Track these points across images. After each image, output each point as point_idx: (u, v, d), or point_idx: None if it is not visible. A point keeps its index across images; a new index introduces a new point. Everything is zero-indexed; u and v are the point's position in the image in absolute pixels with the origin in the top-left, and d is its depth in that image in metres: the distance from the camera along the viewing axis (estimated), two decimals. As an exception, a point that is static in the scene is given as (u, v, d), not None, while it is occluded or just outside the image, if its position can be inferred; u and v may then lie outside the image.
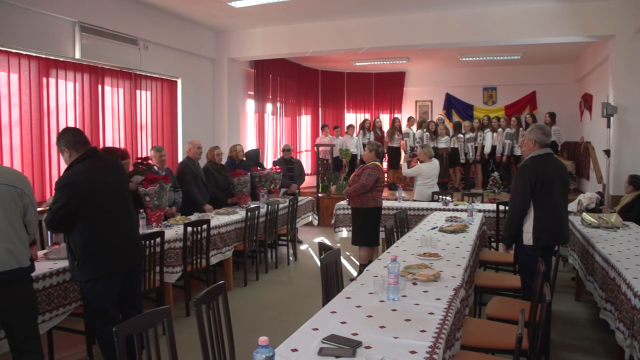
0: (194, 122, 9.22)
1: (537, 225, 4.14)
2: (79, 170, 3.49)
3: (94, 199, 3.49)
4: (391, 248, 4.62)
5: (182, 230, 5.33)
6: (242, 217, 6.51)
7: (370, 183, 6.24)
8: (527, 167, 4.19)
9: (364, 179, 6.26)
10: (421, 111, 13.93)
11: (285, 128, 12.33)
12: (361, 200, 6.37)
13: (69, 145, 3.54)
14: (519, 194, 4.19)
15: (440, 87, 13.67)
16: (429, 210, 7.35)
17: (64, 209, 3.39)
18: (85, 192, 3.45)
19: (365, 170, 6.34)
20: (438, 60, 12.52)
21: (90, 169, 3.53)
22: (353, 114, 14.38)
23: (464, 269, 3.77)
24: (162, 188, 5.56)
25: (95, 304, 3.56)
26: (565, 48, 10.26)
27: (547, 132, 4.32)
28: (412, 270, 3.59)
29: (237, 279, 6.67)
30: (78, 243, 3.47)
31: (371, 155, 6.47)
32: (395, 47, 9.08)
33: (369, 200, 6.36)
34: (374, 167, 6.33)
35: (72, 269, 3.56)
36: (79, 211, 3.43)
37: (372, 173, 6.27)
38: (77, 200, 3.41)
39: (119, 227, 3.65)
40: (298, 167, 9.25)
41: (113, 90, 7.43)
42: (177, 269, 5.24)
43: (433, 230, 5.42)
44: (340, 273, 3.80)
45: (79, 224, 3.46)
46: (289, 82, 12.29)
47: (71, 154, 3.55)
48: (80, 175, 3.47)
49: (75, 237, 3.48)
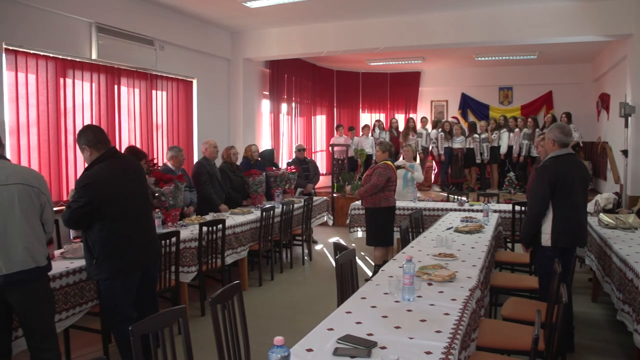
0: (209, 122, 9.26)
1: (556, 226, 4.09)
2: (100, 170, 3.51)
3: (114, 199, 3.51)
4: (406, 248, 4.60)
5: (197, 230, 5.34)
6: (257, 217, 6.52)
7: (382, 183, 6.23)
8: (547, 168, 4.14)
9: (375, 179, 6.26)
10: (436, 111, 13.86)
11: (300, 128, 12.34)
12: (373, 200, 6.35)
13: (90, 144, 3.56)
14: (538, 194, 4.14)
15: (456, 87, 13.58)
16: (444, 211, 7.31)
17: (83, 208, 3.42)
18: (106, 193, 3.47)
19: (376, 169, 6.33)
20: (453, 60, 12.44)
21: (111, 169, 3.55)
22: (368, 114, 14.35)
23: (479, 270, 3.74)
24: (177, 188, 5.60)
25: (113, 302, 3.59)
26: (582, 47, 10.14)
27: (567, 131, 4.25)
28: (427, 270, 3.57)
29: (252, 279, 6.68)
30: (96, 241, 3.50)
31: (384, 156, 6.46)
32: (410, 47, 9.04)
33: (381, 200, 6.34)
34: (385, 167, 6.31)
35: (90, 267, 3.58)
36: (99, 211, 3.46)
37: (383, 172, 6.26)
38: (98, 200, 3.44)
39: (138, 226, 3.68)
40: (313, 166, 9.25)
41: (129, 91, 7.50)
42: (193, 269, 5.26)
43: (448, 231, 5.39)
44: (356, 273, 3.79)
45: (98, 223, 3.48)
46: (304, 82, 12.30)
47: (92, 152, 3.57)
48: (101, 176, 3.49)
49: (94, 236, 3.50)
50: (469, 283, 3.37)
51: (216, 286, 5.90)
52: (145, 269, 3.76)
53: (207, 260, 5.47)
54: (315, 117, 13.08)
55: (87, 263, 3.63)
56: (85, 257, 3.62)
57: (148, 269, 3.80)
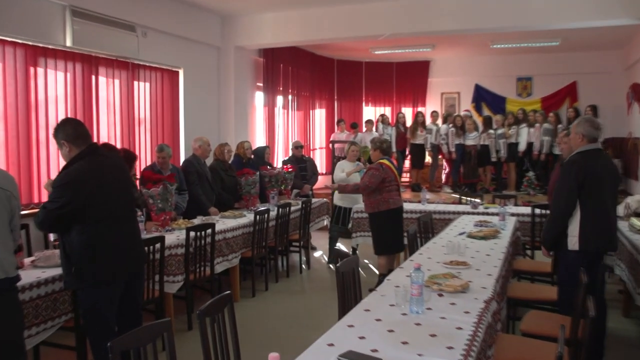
0: (198, 117, 9.26)
1: (584, 228, 4.08)
2: (80, 168, 3.50)
3: (97, 200, 3.50)
4: (414, 255, 4.60)
5: (184, 235, 5.34)
6: (250, 221, 6.52)
7: (373, 184, 6.21)
8: (574, 164, 4.13)
9: (366, 179, 6.26)
10: (447, 104, 13.86)
11: (298, 123, 12.34)
12: (372, 203, 6.35)
13: (69, 139, 3.56)
14: (563, 192, 4.13)
15: (469, 78, 13.58)
16: (456, 214, 7.31)
17: (61, 209, 3.41)
18: (87, 192, 3.46)
19: (370, 170, 6.34)
20: (466, 48, 12.43)
21: (93, 167, 3.55)
22: (372, 108, 14.35)
23: (495, 279, 3.75)
24: (167, 189, 5.59)
25: (94, 314, 3.57)
26: (611, 32, 10.09)
27: (597, 125, 4.25)
28: (437, 280, 3.57)
29: (245, 289, 6.67)
30: (76, 246, 3.48)
31: (376, 154, 6.46)
32: (419, 34, 9.03)
33: (380, 203, 6.31)
34: (377, 167, 6.30)
35: (68, 275, 3.57)
36: (79, 212, 3.44)
37: (375, 173, 6.23)
38: (78, 200, 3.43)
39: (122, 230, 3.68)
40: (311, 165, 9.24)
41: (108, 82, 7.48)
42: (179, 278, 5.26)
43: (461, 236, 5.40)
44: (358, 283, 3.79)
45: (78, 225, 3.47)
46: (302, 72, 12.31)
47: (71, 149, 3.56)
48: (82, 174, 3.48)
49: (73, 240, 3.49)
50: (484, 294, 3.37)
51: (205, 297, 5.90)
52: (129, 278, 3.75)
53: (195, 268, 5.47)
54: (314, 111, 13.08)
55: (64, 271, 3.61)
56: (62, 264, 3.60)
57: (133, 277, 3.79)
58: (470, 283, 3.55)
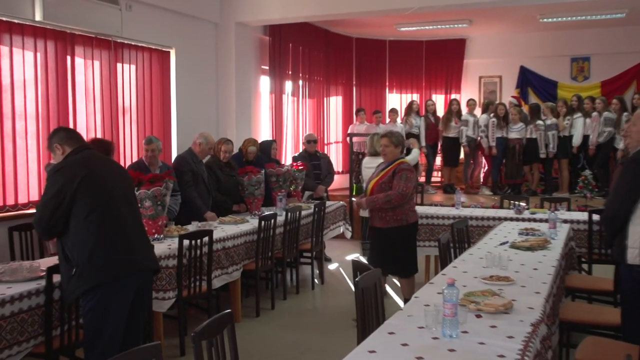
0: (192, 105, 9.29)
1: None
2: (74, 158, 3.84)
3: (95, 186, 3.76)
4: (447, 269, 4.59)
5: (176, 244, 5.35)
6: (253, 228, 6.54)
7: (410, 191, 6.04)
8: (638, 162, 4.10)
9: (402, 185, 5.89)
10: (487, 90, 13.81)
11: (310, 112, 12.37)
12: (398, 215, 6.04)
13: (62, 141, 3.93)
14: (620, 191, 4.09)
15: (513, 59, 13.47)
16: (496, 220, 7.28)
17: (56, 197, 3.65)
18: (84, 177, 3.71)
19: (401, 172, 5.98)
20: (510, 23, 12.38)
21: (90, 158, 3.89)
22: (397, 95, 14.34)
23: (544, 298, 3.73)
24: (168, 189, 5.61)
25: (101, 323, 3.66)
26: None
27: None
28: (475, 298, 3.56)
29: (247, 308, 6.69)
30: (76, 242, 3.67)
31: (397, 152, 6.16)
32: (453, 7, 9.01)
33: (409, 214, 6.13)
34: (410, 168, 6.12)
35: (69, 281, 3.70)
36: (77, 199, 3.66)
37: (410, 176, 6.00)
38: (72, 185, 3.66)
39: (125, 220, 3.87)
40: (325, 163, 9.23)
41: (86, 64, 7.51)
42: (170, 295, 5.26)
43: (503, 246, 5.39)
44: (381, 300, 3.80)
45: (77, 219, 3.67)
46: (315, 53, 12.32)
47: (64, 150, 3.91)
48: (78, 161, 3.81)
49: (73, 237, 3.68)
50: (531, 316, 3.35)
51: (200, 317, 5.89)
52: (140, 281, 3.88)
53: (189, 283, 5.47)
54: (328, 98, 13.09)
55: (63, 279, 3.77)
56: (62, 269, 3.77)
57: (142, 283, 3.94)
58: (514, 302, 3.53)
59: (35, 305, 4.01)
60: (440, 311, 3.04)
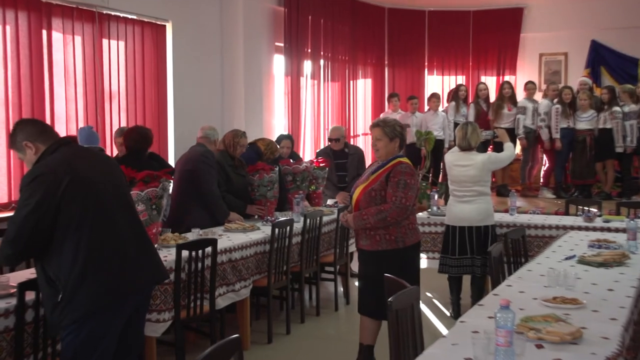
0: (193, 90, 9.33)
1: None
2: (52, 159, 3.69)
3: (84, 191, 3.65)
4: (500, 288, 4.57)
5: (173, 255, 5.34)
6: (265, 236, 6.53)
7: (412, 201, 5.34)
8: None
9: (400, 195, 5.22)
10: (549, 70, 13.74)
11: (333, 98, 12.39)
12: (392, 233, 5.33)
13: (33, 137, 3.75)
14: None
15: (582, 32, 13.35)
16: (561, 230, 7.23)
17: (37, 211, 3.50)
18: (71, 181, 3.59)
19: (398, 176, 5.28)
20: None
21: (74, 156, 3.77)
22: (438, 77, 14.35)
23: (622, 326, 3.66)
24: (164, 190, 5.63)
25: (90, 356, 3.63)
26: None
27: None
28: (535, 324, 3.52)
29: (258, 332, 6.69)
30: (63, 263, 3.56)
31: (392, 147, 5.46)
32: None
33: (407, 233, 5.40)
34: (411, 171, 5.42)
35: (54, 310, 3.61)
36: (62, 210, 3.56)
37: (410, 182, 5.28)
38: (55, 195, 3.53)
39: (124, 231, 3.83)
40: (355, 161, 9.00)
41: (66, 39, 7.55)
42: (165, 316, 5.25)
43: (569, 262, 5.33)
44: (419, 325, 3.79)
45: (62, 234, 3.57)
46: (339, 27, 12.34)
47: (37, 148, 3.75)
48: (59, 161, 3.67)
49: (57, 256, 3.58)
50: (606, 348, 3.30)
51: (202, 343, 5.93)
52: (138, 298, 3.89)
53: (188, 302, 5.48)
54: (355, 81, 13.12)
55: (47, 309, 3.67)
56: (45, 296, 3.68)
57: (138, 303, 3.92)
58: (585, 330, 3.47)
59: (4, 329, 3.95)
60: (492, 339, 3.00)
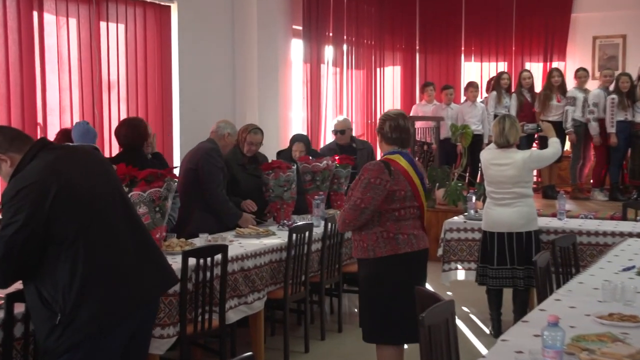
0: (201, 78, 9.36)
1: None
2: (36, 166, 3.58)
3: (76, 200, 3.59)
4: (547, 302, 4.55)
5: (179, 263, 5.34)
6: (282, 243, 6.54)
7: (369, 204, 5.15)
8: None
9: (357, 195, 5.15)
10: (604, 56, 13.68)
11: (357, 88, 12.39)
12: (364, 240, 5.27)
13: (3, 148, 3.64)
14: None
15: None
16: (617, 237, 7.17)
17: (24, 230, 3.43)
18: (60, 189, 3.52)
19: (363, 174, 5.24)
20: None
21: (60, 160, 3.67)
22: (477, 64, 14.34)
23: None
24: (169, 190, 5.64)
25: None
26: None
27: None
28: (588, 344, 3.49)
29: (273, 350, 6.71)
30: (59, 281, 3.51)
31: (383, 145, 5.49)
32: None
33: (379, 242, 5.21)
34: (378, 168, 5.23)
35: (51, 333, 3.54)
36: (55, 225, 3.50)
37: (373, 182, 5.14)
38: (43, 210, 3.46)
39: (125, 240, 3.79)
40: (364, 157, 9.01)
41: (59, 22, 7.58)
42: (170, 331, 5.27)
43: (627, 273, 5.26)
44: (455, 342, 3.78)
45: (56, 250, 3.52)
46: (365, 8, 12.37)
47: (12, 158, 3.65)
48: (43, 169, 3.57)
49: (51, 275, 3.52)
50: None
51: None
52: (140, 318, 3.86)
53: (196, 316, 5.50)
54: (382, 69, 13.14)
55: (42, 334, 3.60)
56: (39, 320, 3.61)
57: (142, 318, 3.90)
58: (646, 351, 3.47)
59: (-10, 346, 3.97)
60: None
